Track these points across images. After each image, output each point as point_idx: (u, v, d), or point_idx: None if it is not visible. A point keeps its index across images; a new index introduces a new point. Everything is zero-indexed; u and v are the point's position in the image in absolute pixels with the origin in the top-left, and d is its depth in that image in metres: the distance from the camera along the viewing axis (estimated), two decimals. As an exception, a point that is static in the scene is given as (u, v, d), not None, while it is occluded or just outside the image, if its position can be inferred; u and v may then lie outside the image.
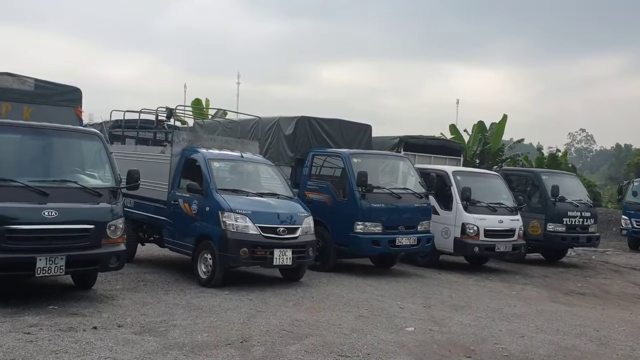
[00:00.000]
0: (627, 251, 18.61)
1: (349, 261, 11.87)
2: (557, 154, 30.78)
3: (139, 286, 8.59)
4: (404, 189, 11.34)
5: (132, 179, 7.85)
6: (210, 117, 18.49)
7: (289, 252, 8.89)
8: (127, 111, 11.62)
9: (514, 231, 12.41)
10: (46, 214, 6.81)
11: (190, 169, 9.64)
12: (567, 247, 15.20)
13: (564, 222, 13.86)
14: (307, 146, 11.80)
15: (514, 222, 12.46)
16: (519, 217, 12.66)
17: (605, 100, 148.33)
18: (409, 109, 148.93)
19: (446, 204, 12.15)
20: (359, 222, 10.48)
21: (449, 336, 6.90)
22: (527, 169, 21.34)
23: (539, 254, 15.24)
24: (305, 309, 7.78)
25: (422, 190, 11.41)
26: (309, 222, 9.40)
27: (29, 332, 5.86)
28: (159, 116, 11.04)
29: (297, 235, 9.10)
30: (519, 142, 31.17)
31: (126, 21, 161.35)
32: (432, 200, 11.76)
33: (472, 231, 11.82)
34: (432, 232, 11.47)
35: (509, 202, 12.74)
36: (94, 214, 7.26)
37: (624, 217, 19.02)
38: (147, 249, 11.63)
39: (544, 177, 14.51)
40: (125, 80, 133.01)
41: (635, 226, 18.52)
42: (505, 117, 26.71)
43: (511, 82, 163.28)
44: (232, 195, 9.06)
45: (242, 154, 10.06)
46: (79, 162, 7.80)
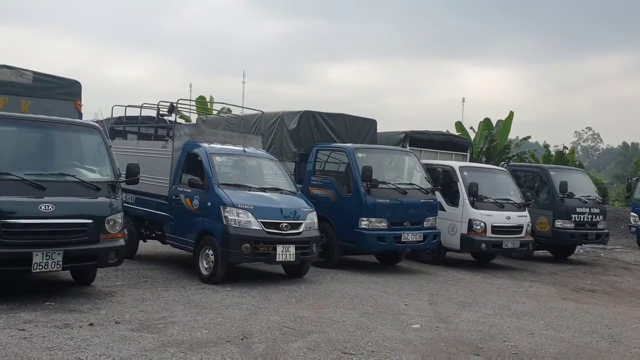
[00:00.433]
0: (635, 249, 18.33)
1: (353, 258, 11.69)
2: (565, 151, 30.50)
3: (139, 282, 8.44)
4: (410, 184, 11.16)
5: (132, 173, 7.70)
6: (215, 112, 18.29)
7: (292, 248, 8.72)
8: (128, 106, 11.50)
9: (521, 228, 12.20)
10: (43, 208, 6.66)
11: (191, 164, 9.48)
12: (576, 244, 15.00)
13: (573, 219, 13.64)
14: (310, 141, 11.64)
15: (521, 218, 12.27)
16: (526, 213, 12.46)
17: (612, 98, 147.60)
18: (415, 107, 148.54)
19: (453, 199, 11.97)
20: (364, 218, 10.30)
21: (456, 333, 6.70)
22: (535, 164, 21.09)
23: (547, 251, 15.02)
24: (308, 305, 7.60)
25: (428, 185, 11.22)
26: (312, 218, 9.22)
27: (23, 329, 5.71)
28: (161, 111, 10.88)
29: (300, 230, 8.93)
30: (525, 139, 30.82)
31: (133, 22, 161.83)
32: (438, 196, 11.55)
33: (479, 227, 11.63)
34: (438, 228, 11.27)
35: (517, 198, 12.54)
36: (92, 209, 7.10)
37: (632, 214, 18.73)
38: (149, 245, 11.49)
39: (552, 172, 14.30)
40: (131, 80, 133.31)
41: (643, 223, 18.25)
42: (511, 114, 26.36)
43: (517, 80, 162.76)
44: (234, 190, 8.89)
45: (245, 149, 9.89)
46: (77, 156, 7.63)
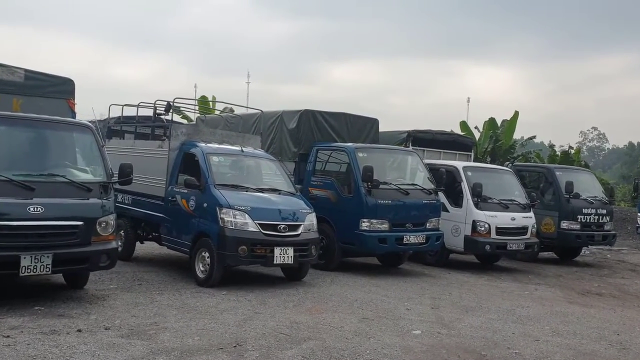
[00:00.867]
0: (643, 250, 18.06)
1: (354, 260, 11.44)
2: (570, 151, 30.18)
3: (133, 286, 8.22)
4: (412, 184, 10.92)
5: (124, 173, 7.47)
6: (217, 112, 18.10)
7: (290, 251, 8.50)
8: (125, 105, 11.31)
9: (526, 229, 11.94)
10: (32, 209, 6.45)
11: (188, 164, 9.27)
12: (582, 246, 14.73)
13: (579, 220, 13.37)
14: (311, 141, 11.41)
15: (526, 219, 12.01)
16: (531, 214, 12.20)
17: (617, 98, 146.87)
18: (419, 107, 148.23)
19: (456, 200, 11.72)
20: (365, 219, 10.06)
21: (459, 340, 6.46)
22: (541, 164, 20.82)
23: (552, 253, 14.74)
24: (306, 310, 7.37)
25: (431, 186, 10.97)
26: (311, 219, 8.99)
27: (8, 335, 5.50)
28: (157, 110, 10.68)
29: (299, 232, 8.71)
30: (530, 139, 30.49)
31: (138, 22, 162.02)
32: (441, 196, 11.31)
33: (483, 229, 11.37)
34: (441, 229, 11.02)
35: (522, 198, 12.27)
36: (83, 210, 6.88)
37: (639, 214, 18.48)
38: (146, 247, 11.29)
39: (558, 173, 14.04)
40: (136, 80, 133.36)
41: (651, 224, 17.97)
42: (516, 113, 26.07)
43: (522, 80, 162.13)
44: (231, 190, 8.67)
45: (243, 149, 9.67)
46: (68, 156, 7.42)
